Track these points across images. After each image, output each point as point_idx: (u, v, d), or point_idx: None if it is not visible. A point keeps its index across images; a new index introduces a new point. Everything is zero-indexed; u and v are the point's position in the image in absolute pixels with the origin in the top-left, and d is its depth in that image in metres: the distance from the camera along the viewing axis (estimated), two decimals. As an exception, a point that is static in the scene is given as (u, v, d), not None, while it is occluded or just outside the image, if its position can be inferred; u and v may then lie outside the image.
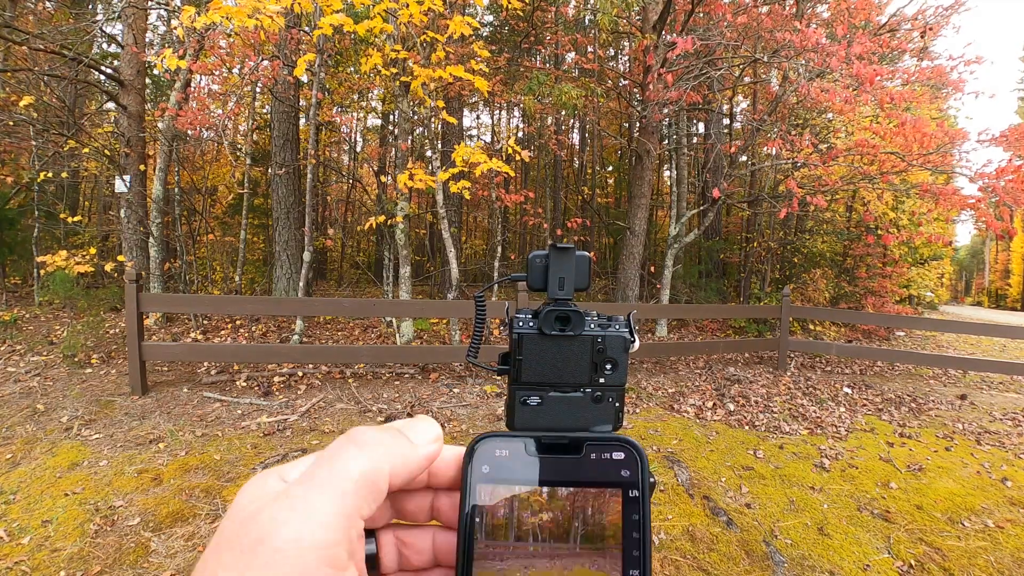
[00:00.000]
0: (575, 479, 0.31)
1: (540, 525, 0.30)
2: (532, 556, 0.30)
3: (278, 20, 4.44)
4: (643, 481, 0.31)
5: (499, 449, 0.32)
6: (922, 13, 7.74)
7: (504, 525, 0.30)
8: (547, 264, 0.74)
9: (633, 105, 9.21)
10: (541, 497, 0.31)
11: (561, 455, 0.32)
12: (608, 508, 0.30)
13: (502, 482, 0.31)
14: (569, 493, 0.31)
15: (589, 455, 0.32)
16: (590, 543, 0.30)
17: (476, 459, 0.31)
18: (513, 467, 0.31)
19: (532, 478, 0.31)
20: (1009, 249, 38.13)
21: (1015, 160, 6.14)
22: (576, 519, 0.30)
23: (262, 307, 6.14)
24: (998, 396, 5.97)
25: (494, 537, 0.30)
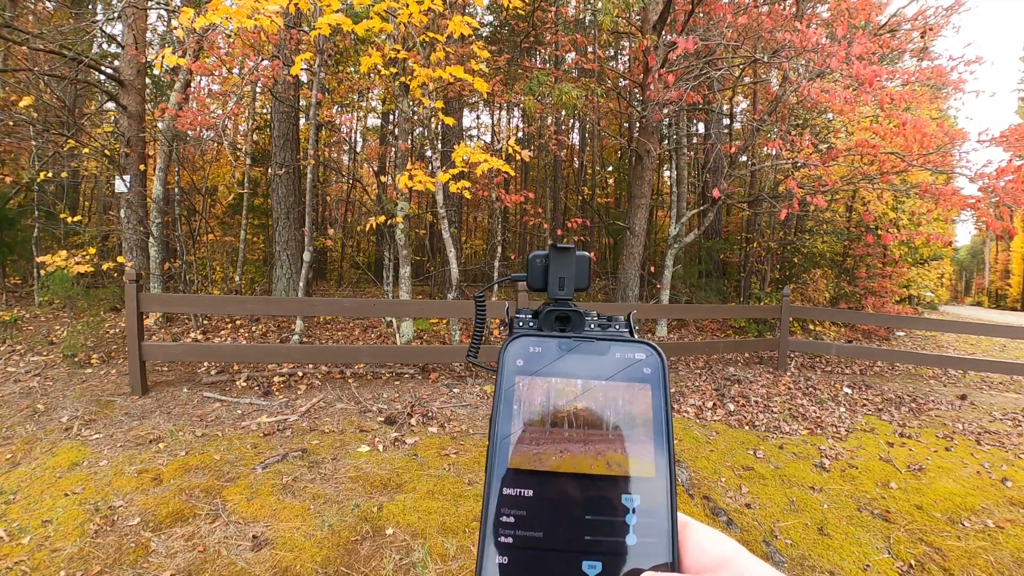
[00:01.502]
0: (602, 375, 0.33)
1: (574, 413, 0.32)
2: (567, 441, 0.32)
3: (277, 20, 4.44)
4: (664, 378, 0.33)
5: (532, 346, 0.34)
6: (922, 13, 7.74)
7: (541, 412, 0.32)
8: (547, 264, 0.74)
9: (633, 105, 9.20)
10: (576, 388, 0.33)
11: (589, 354, 0.34)
12: (636, 400, 0.32)
13: (535, 374, 0.33)
14: (602, 385, 0.33)
15: (615, 354, 0.34)
16: (621, 430, 0.32)
17: (510, 354, 0.34)
18: (546, 361, 0.34)
19: (563, 372, 0.33)
20: (1009, 249, 38.13)
21: (1015, 160, 6.13)
22: (608, 408, 0.32)
23: (262, 307, 6.14)
24: (998, 396, 5.97)
25: (531, 423, 0.32)
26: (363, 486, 3.10)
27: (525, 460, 0.31)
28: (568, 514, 0.30)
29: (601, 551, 0.29)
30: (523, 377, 0.33)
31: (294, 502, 2.88)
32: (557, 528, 0.30)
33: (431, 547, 2.51)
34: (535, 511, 0.30)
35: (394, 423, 4.16)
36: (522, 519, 0.30)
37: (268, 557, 2.39)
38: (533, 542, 0.29)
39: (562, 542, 0.29)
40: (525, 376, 0.33)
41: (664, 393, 0.32)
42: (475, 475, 3.31)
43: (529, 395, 0.32)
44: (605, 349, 0.34)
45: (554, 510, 0.30)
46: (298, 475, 3.19)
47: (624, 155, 14.75)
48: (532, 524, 0.30)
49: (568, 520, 0.30)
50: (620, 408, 0.32)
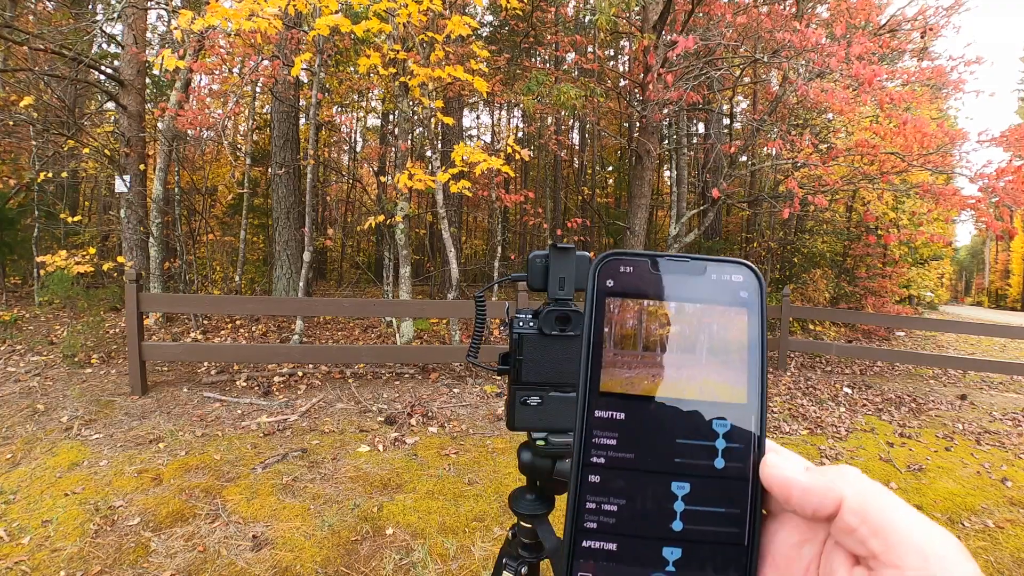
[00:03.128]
0: (697, 297, 0.32)
1: (667, 337, 0.31)
2: (659, 365, 0.31)
3: (275, 23, 4.44)
4: (761, 301, 0.32)
5: (624, 266, 0.32)
6: (922, 13, 7.74)
7: (632, 336, 0.31)
8: (547, 264, 0.75)
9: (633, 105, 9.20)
10: (669, 310, 0.32)
11: (683, 274, 0.32)
12: (732, 324, 0.31)
13: (626, 296, 0.32)
14: (695, 308, 0.32)
15: (710, 275, 0.32)
16: (715, 356, 0.31)
17: (600, 273, 0.32)
18: (637, 282, 0.32)
19: (656, 293, 0.32)
20: (1009, 249, 38.14)
21: (1015, 160, 6.13)
22: (703, 332, 0.31)
23: (262, 307, 6.14)
24: (998, 396, 5.97)
25: (622, 347, 0.31)
26: (363, 486, 3.10)
27: (617, 384, 0.31)
28: (659, 437, 0.30)
29: (690, 473, 0.30)
30: (614, 298, 0.32)
31: (294, 502, 2.88)
32: (648, 450, 0.30)
33: (431, 547, 2.51)
34: (627, 434, 0.30)
35: (394, 423, 4.16)
36: (614, 442, 0.30)
37: (268, 557, 2.39)
38: (624, 463, 0.30)
39: (653, 464, 0.30)
40: (616, 297, 0.32)
41: (761, 318, 0.32)
42: (475, 475, 3.31)
43: (620, 317, 0.32)
44: (700, 269, 0.32)
45: (645, 433, 0.30)
46: (298, 475, 3.19)
47: (624, 155, 14.75)
48: (624, 446, 0.30)
49: (659, 443, 0.30)
50: (714, 332, 0.31)
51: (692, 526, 0.29)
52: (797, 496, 0.28)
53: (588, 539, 0.30)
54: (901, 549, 0.24)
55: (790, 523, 0.29)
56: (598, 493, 0.30)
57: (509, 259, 12.60)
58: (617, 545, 0.29)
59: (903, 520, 0.25)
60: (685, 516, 0.29)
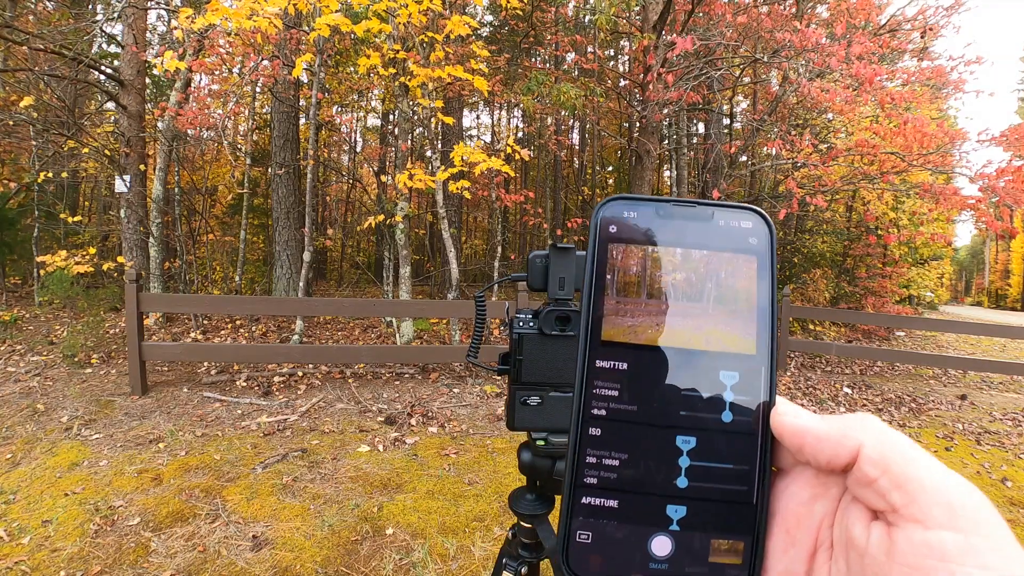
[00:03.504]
0: (704, 244, 0.30)
1: (672, 284, 0.30)
2: (664, 314, 0.30)
3: (276, 22, 4.44)
4: (772, 249, 0.31)
5: (627, 210, 0.31)
6: (922, 13, 7.74)
7: (636, 283, 0.30)
8: (547, 264, 0.75)
9: (633, 105, 9.20)
10: (675, 257, 0.30)
11: (690, 220, 0.31)
12: (741, 272, 0.30)
13: (630, 242, 0.31)
14: (702, 255, 0.30)
15: (718, 221, 0.31)
16: (722, 305, 0.30)
17: (603, 217, 0.31)
18: (642, 228, 0.31)
19: (661, 239, 0.31)
20: (1009, 249, 38.14)
21: (1015, 160, 6.13)
22: (710, 280, 0.30)
23: (262, 307, 6.14)
24: (998, 396, 5.97)
25: (625, 294, 0.30)
26: (363, 486, 3.10)
27: (619, 332, 0.29)
28: (663, 389, 0.29)
29: (695, 427, 0.28)
30: (617, 244, 0.30)
31: (294, 502, 2.88)
32: (651, 402, 0.29)
33: (431, 547, 2.51)
34: (629, 385, 0.29)
35: (394, 423, 4.16)
36: (615, 392, 0.29)
37: (268, 557, 2.39)
38: (627, 415, 0.29)
39: (656, 416, 0.29)
40: (620, 244, 0.30)
41: (771, 266, 0.30)
42: (475, 475, 3.31)
43: (624, 263, 0.30)
44: (708, 215, 0.31)
45: (649, 384, 0.29)
46: (298, 475, 3.19)
47: (624, 155, 14.74)
48: (626, 397, 0.29)
49: (663, 395, 0.29)
50: (722, 280, 0.30)
51: (698, 483, 0.28)
52: (811, 444, 0.26)
53: (588, 495, 0.28)
54: (925, 502, 0.22)
55: (801, 478, 0.28)
56: (599, 447, 0.29)
57: (509, 259, 12.61)
58: (618, 502, 0.28)
59: (928, 472, 0.23)
60: (690, 472, 0.28)
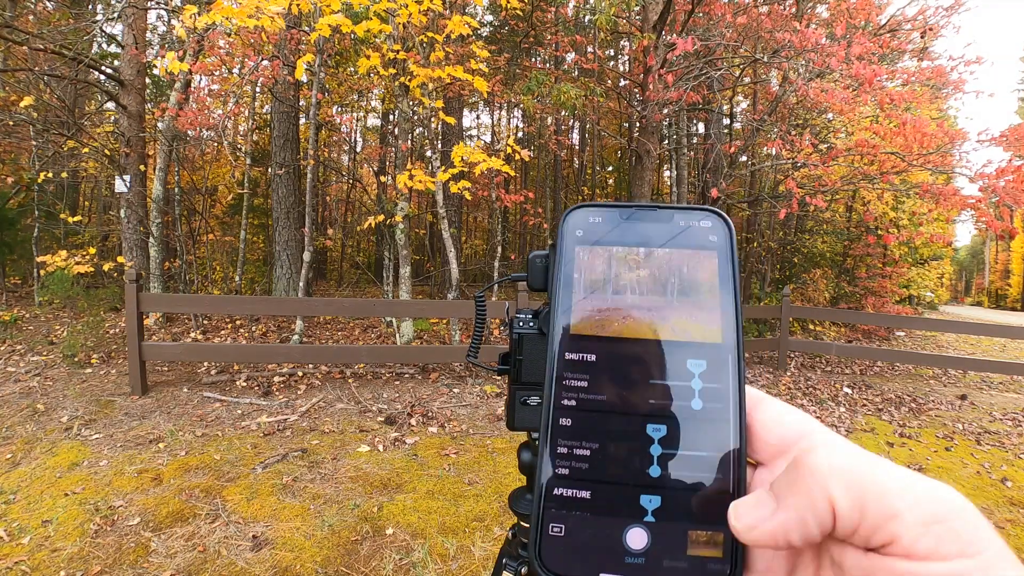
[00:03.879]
0: (665, 242, 0.32)
1: (637, 280, 0.31)
2: (630, 307, 0.31)
3: (278, 21, 4.44)
4: (731, 245, 0.32)
5: (592, 216, 0.33)
6: (922, 13, 7.74)
7: (602, 280, 0.31)
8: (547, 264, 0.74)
9: (633, 105, 9.20)
10: (638, 256, 0.32)
11: (651, 222, 0.32)
12: (702, 267, 0.31)
13: (596, 244, 0.32)
14: (665, 252, 0.32)
15: (678, 221, 0.32)
16: (686, 296, 0.31)
17: (570, 224, 0.32)
18: (606, 231, 0.32)
19: (625, 240, 0.32)
20: (1009, 249, 38.14)
21: (1015, 160, 6.13)
22: (673, 275, 0.31)
23: (262, 307, 6.14)
24: (998, 396, 5.97)
25: (592, 291, 0.31)
26: (363, 486, 3.10)
27: (587, 326, 0.30)
28: (631, 378, 0.30)
29: (665, 415, 0.29)
30: (583, 247, 0.32)
31: (294, 502, 2.87)
32: (620, 392, 0.29)
33: (431, 547, 2.51)
34: (598, 375, 0.30)
35: (394, 423, 4.16)
36: (585, 383, 0.30)
37: (268, 557, 2.39)
38: (596, 405, 0.29)
39: (625, 405, 0.29)
40: (586, 246, 0.32)
41: (732, 260, 0.31)
42: (475, 475, 3.31)
43: (590, 263, 0.32)
44: (668, 217, 0.32)
45: (617, 374, 0.30)
46: (298, 475, 3.19)
47: (624, 155, 14.74)
48: (595, 388, 0.30)
49: (632, 384, 0.29)
50: (685, 275, 0.31)
51: (671, 472, 0.28)
52: (798, 537, 0.24)
53: (560, 486, 0.28)
54: (908, 539, 0.22)
55: (780, 470, 0.27)
56: (570, 437, 0.29)
57: (509, 259, 12.61)
58: (591, 492, 0.28)
59: (905, 503, 0.22)
60: (662, 460, 0.28)
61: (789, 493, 0.24)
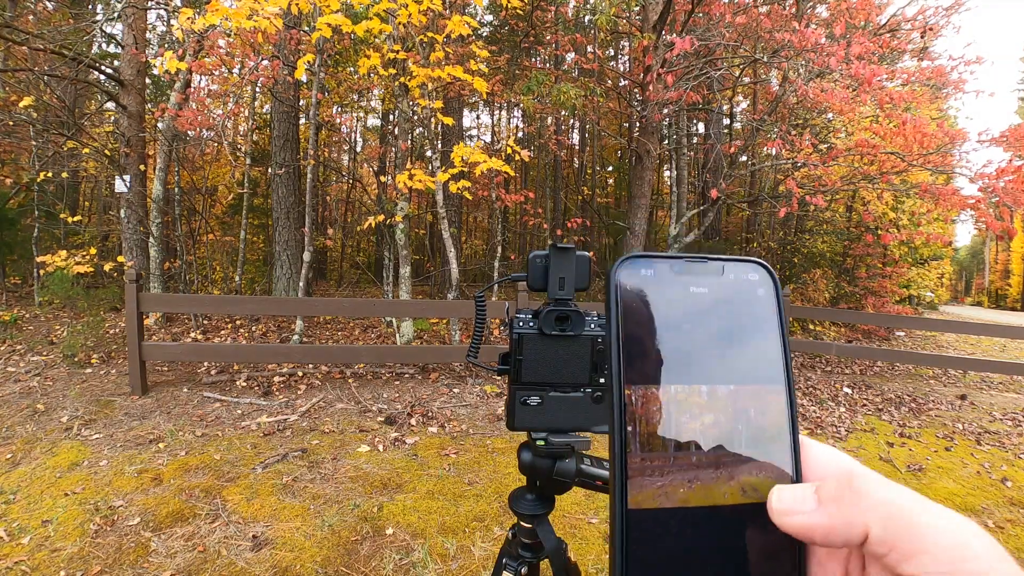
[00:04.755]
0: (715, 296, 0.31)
1: (701, 431, 0.29)
2: (695, 467, 0.28)
3: (276, 22, 4.43)
4: (779, 299, 0.31)
5: (644, 268, 0.31)
6: (922, 13, 7.73)
7: (661, 436, 0.28)
8: (547, 264, 0.75)
9: (633, 105, 9.20)
10: (701, 398, 0.29)
11: (703, 275, 0.31)
12: (769, 408, 0.30)
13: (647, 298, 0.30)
14: (729, 392, 0.29)
15: (728, 275, 0.31)
16: (755, 447, 0.29)
17: (620, 277, 0.30)
18: (657, 285, 0.31)
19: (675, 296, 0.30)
20: (1009, 249, 38.13)
21: (1015, 160, 6.13)
22: (739, 421, 0.29)
23: (262, 307, 6.14)
24: (998, 396, 5.97)
25: (651, 449, 0.28)
26: (363, 486, 3.10)
27: (647, 497, 0.28)
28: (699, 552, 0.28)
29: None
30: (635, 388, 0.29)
31: (294, 502, 2.88)
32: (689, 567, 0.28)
33: (431, 547, 2.51)
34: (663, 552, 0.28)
35: (394, 423, 4.16)
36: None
37: (268, 557, 2.39)
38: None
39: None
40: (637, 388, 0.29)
41: (779, 312, 0.31)
42: (475, 475, 3.31)
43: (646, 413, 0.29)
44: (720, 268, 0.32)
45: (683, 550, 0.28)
46: (298, 475, 3.19)
47: (624, 155, 14.74)
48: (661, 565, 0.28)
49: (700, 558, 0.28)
50: (753, 420, 0.29)
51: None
52: (820, 538, 0.26)
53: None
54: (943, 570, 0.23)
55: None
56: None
57: (509, 259, 12.61)
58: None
59: (935, 536, 0.23)
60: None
61: (831, 502, 0.26)
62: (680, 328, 0.30)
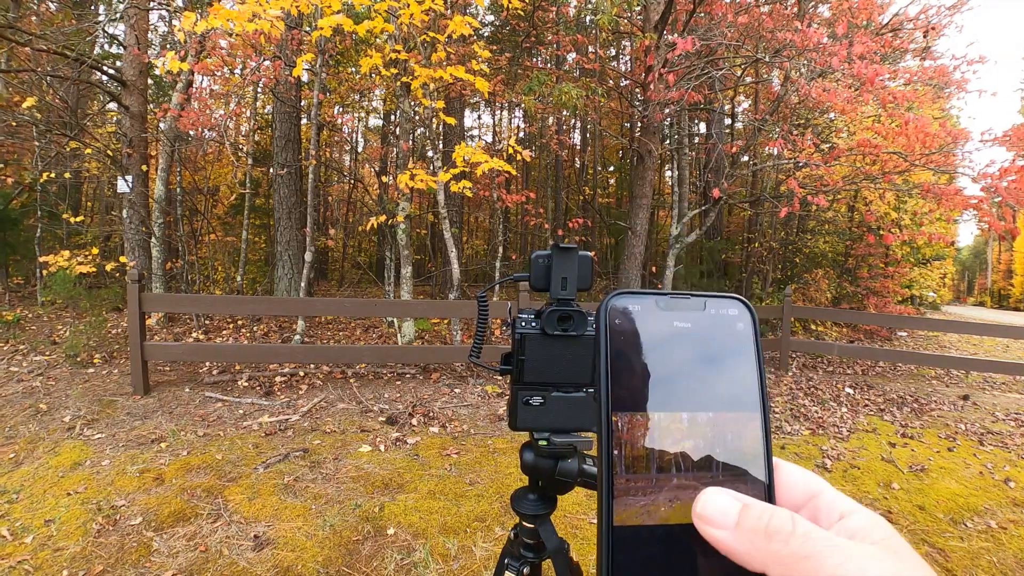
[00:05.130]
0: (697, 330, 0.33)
1: (682, 455, 0.31)
2: (677, 488, 0.30)
3: (278, 25, 4.44)
4: (756, 332, 0.33)
5: (631, 303, 0.33)
6: (925, 12, 7.72)
7: (645, 457, 0.30)
8: (550, 264, 0.75)
9: (634, 105, 9.19)
10: (682, 424, 0.31)
11: (686, 311, 0.33)
12: (746, 433, 0.31)
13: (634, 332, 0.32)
14: (709, 419, 0.31)
15: (710, 310, 0.33)
16: (730, 472, 0.31)
17: (610, 312, 0.32)
18: (643, 319, 0.33)
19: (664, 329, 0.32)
20: (1012, 249, 38.01)
21: (1018, 160, 6.12)
22: (717, 445, 0.31)
23: (264, 307, 6.15)
24: (1001, 396, 5.96)
25: (635, 471, 0.30)
26: (364, 486, 3.10)
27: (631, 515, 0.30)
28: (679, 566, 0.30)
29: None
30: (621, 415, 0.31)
31: (296, 502, 2.88)
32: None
33: (432, 547, 2.51)
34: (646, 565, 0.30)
35: (395, 423, 4.16)
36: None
37: (269, 557, 2.40)
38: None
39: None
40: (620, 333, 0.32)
41: (756, 347, 0.32)
42: (476, 475, 3.31)
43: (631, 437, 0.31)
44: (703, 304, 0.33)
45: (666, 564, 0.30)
46: (300, 475, 3.20)
47: (625, 155, 14.74)
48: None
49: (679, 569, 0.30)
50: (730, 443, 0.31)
51: None
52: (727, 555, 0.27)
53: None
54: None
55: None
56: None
57: (510, 259, 12.60)
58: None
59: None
60: None
61: (747, 530, 0.26)
62: (664, 359, 0.32)
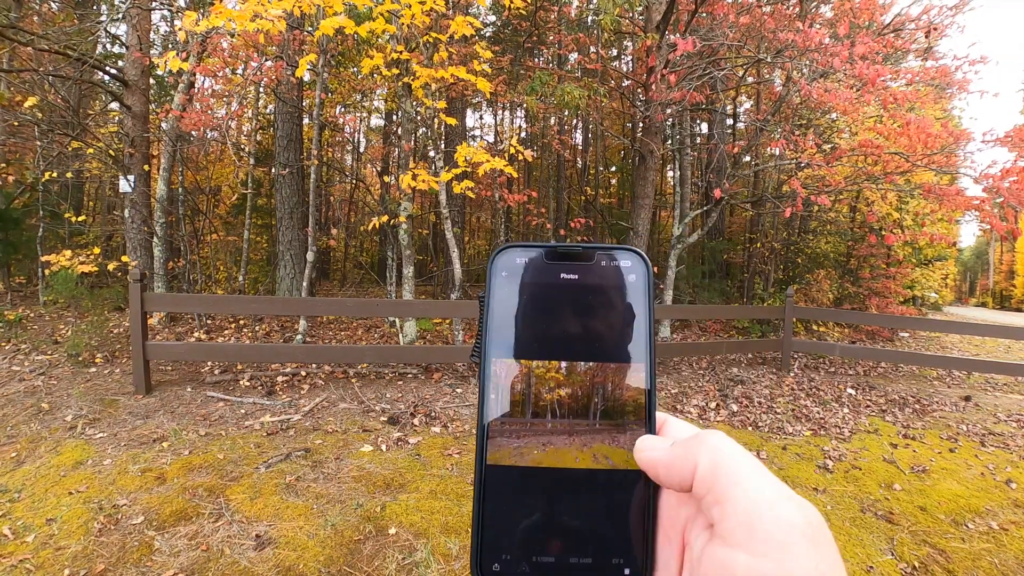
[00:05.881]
0: (585, 282, 0.33)
1: (558, 401, 0.31)
2: (550, 433, 0.31)
3: (279, 24, 4.44)
4: (648, 285, 0.33)
5: (519, 257, 0.33)
6: (927, 13, 7.71)
7: (521, 401, 0.31)
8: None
9: (636, 105, 9.19)
10: (559, 373, 0.32)
11: (574, 261, 0.33)
12: (629, 383, 0.32)
13: (519, 283, 0.33)
14: (588, 368, 0.32)
15: (599, 262, 0.33)
16: (609, 419, 0.31)
17: (497, 265, 0.33)
18: (532, 270, 0.33)
19: (549, 280, 0.33)
20: (1014, 250, 37.90)
21: (1020, 161, 6.10)
22: (595, 395, 0.31)
23: (265, 307, 6.15)
24: (1002, 397, 5.94)
25: (511, 414, 0.31)
26: (366, 486, 3.10)
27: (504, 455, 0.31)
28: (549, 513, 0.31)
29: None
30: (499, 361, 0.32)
31: (297, 501, 2.88)
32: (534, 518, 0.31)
33: (434, 547, 2.52)
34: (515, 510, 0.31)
35: (397, 423, 4.17)
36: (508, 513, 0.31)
37: (271, 556, 2.40)
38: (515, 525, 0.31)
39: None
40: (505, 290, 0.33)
41: (648, 299, 0.32)
42: (477, 475, 3.31)
43: (509, 383, 0.32)
44: (591, 255, 0.33)
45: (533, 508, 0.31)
46: (301, 474, 3.20)
47: (627, 155, 14.73)
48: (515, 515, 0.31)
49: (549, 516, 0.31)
50: (609, 394, 0.32)
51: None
52: (663, 474, 0.29)
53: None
54: (732, 521, 0.24)
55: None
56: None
57: (512, 259, 12.59)
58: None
59: (745, 491, 0.24)
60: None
61: (679, 446, 0.29)
62: (546, 309, 0.32)
